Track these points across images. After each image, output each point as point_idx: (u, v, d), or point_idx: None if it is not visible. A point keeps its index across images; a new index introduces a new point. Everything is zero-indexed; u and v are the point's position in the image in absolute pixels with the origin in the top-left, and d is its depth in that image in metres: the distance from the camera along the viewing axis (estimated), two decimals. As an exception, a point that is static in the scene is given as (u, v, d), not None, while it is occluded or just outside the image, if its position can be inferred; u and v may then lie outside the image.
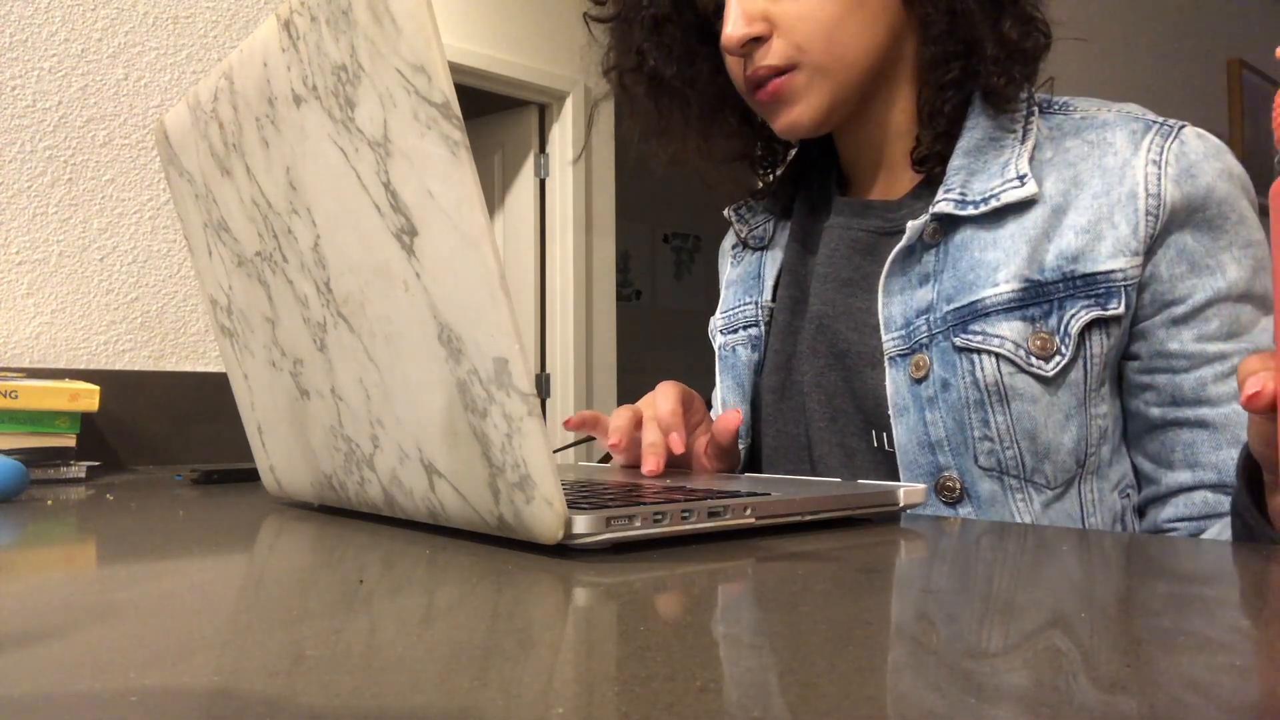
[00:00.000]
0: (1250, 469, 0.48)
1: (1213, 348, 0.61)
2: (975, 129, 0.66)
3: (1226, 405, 0.61)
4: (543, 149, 3.58)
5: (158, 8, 1.29)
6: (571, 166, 3.48)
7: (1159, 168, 0.61)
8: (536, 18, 3.37)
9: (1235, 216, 0.61)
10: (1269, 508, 0.45)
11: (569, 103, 3.49)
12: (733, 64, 0.71)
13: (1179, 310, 0.61)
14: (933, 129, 0.68)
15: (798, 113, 0.68)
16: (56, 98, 1.20)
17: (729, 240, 0.88)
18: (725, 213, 0.85)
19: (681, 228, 5.31)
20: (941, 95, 0.67)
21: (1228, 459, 0.60)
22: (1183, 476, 0.62)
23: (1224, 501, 0.60)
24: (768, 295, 0.78)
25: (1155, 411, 0.63)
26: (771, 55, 0.66)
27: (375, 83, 0.38)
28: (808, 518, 0.48)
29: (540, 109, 3.57)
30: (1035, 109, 0.67)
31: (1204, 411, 0.61)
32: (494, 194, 3.67)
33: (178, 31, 1.30)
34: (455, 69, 3.12)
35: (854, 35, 0.65)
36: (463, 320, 0.38)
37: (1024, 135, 0.65)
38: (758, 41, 0.66)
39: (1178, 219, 0.61)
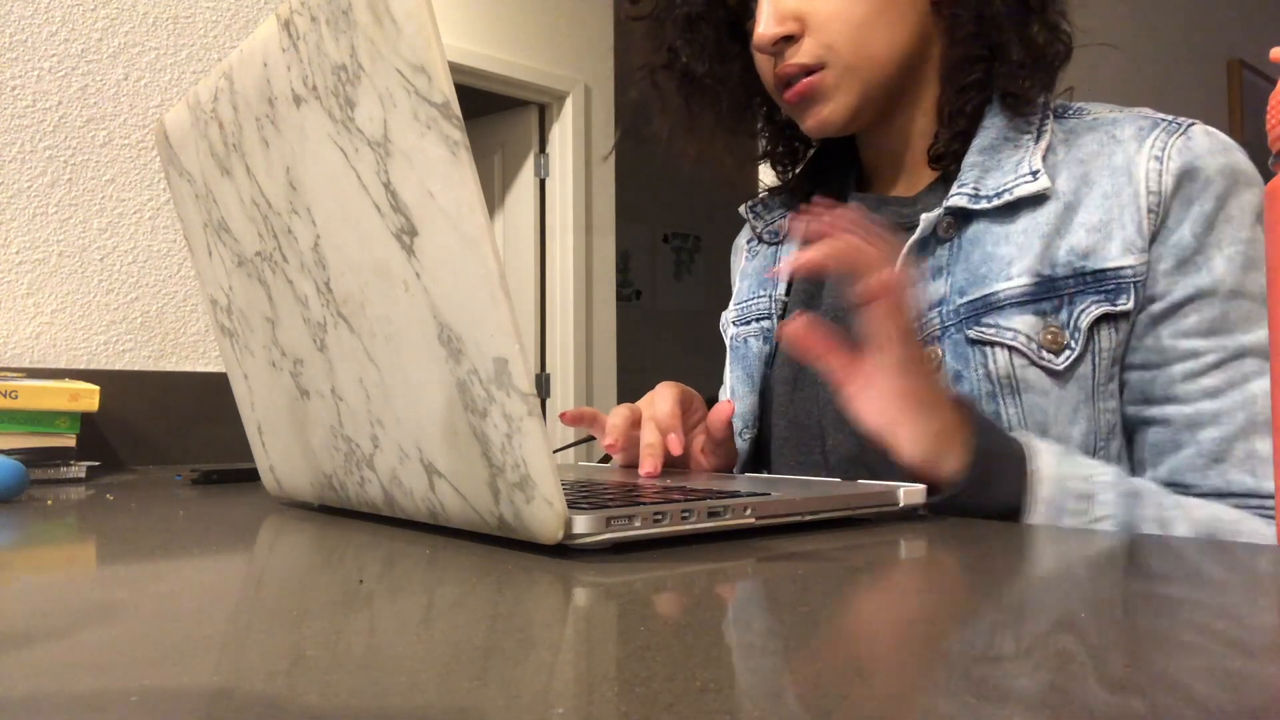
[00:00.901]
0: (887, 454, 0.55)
1: (1185, 344, 0.60)
2: (991, 128, 0.67)
3: (1192, 403, 0.60)
4: (543, 149, 3.58)
5: (158, 8, 1.29)
6: (572, 167, 3.48)
7: (1160, 163, 0.61)
8: (536, 18, 3.37)
9: (1235, 211, 0.61)
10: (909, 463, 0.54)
11: (569, 103, 3.49)
12: (763, 62, 0.71)
13: (1157, 307, 0.61)
14: (952, 128, 0.69)
15: (828, 111, 0.68)
16: (56, 98, 1.20)
17: (743, 236, 0.89)
18: (740, 209, 0.86)
19: (681, 228, 5.31)
20: (963, 96, 0.68)
21: (1183, 458, 0.60)
22: (1148, 477, 0.62)
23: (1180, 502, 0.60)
24: (782, 289, 0.79)
25: (1130, 410, 0.63)
26: (802, 54, 0.67)
27: (375, 83, 0.38)
28: (808, 518, 0.48)
29: (540, 109, 3.56)
30: (1050, 112, 0.68)
31: (1169, 410, 0.61)
32: (494, 194, 3.67)
33: (178, 31, 1.30)
34: (455, 69, 3.12)
35: (883, 35, 0.66)
36: (463, 320, 0.38)
37: (1038, 136, 0.66)
38: (789, 40, 0.67)
39: (1175, 213, 0.61)
